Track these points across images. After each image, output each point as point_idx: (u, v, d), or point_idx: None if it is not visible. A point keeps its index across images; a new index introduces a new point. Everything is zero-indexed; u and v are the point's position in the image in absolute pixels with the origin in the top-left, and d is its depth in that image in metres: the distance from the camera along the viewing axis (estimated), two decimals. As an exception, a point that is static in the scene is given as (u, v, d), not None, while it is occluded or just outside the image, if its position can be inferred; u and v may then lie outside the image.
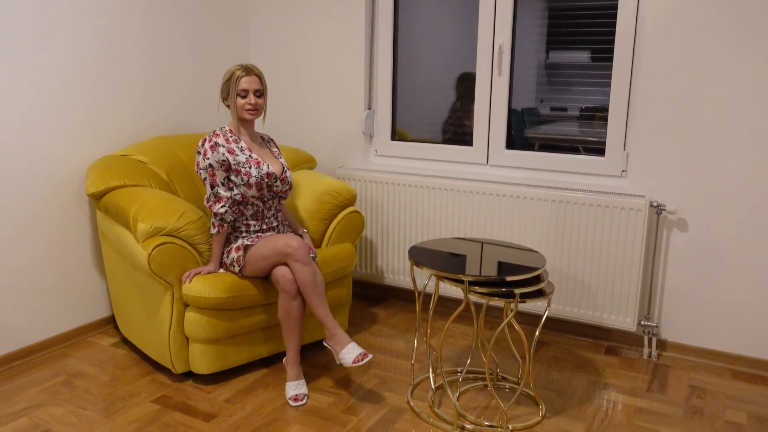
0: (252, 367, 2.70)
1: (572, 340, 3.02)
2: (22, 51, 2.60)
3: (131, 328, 2.78)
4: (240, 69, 2.48)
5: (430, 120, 3.46)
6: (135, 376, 2.61)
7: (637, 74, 2.77)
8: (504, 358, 2.81)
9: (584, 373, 2.69)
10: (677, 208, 2.77)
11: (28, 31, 2.61)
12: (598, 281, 2.86)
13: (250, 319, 2.55)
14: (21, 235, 2.69)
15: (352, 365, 2.27)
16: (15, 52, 2.58)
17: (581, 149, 3.06)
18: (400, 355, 2.84)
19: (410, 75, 3.45)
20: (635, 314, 2.81)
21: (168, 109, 3.27)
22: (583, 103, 3.03)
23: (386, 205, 3.33)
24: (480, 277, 2.15)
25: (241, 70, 2.48)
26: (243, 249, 2.49)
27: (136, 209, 2.48)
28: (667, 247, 2.82)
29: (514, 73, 3.10)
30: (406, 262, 3.34)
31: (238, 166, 2.48)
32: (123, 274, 2.73)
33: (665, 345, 2.89)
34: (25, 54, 2.62)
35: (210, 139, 2.49)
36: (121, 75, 3.01)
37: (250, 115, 2.51)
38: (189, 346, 2.51)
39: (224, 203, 2.47)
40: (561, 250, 2.92)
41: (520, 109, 3.20)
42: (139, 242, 2.44)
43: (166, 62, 3.23)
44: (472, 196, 3.07)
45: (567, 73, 3.05)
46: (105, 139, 2.97)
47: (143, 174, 2.78)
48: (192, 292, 2.41)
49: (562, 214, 2.88)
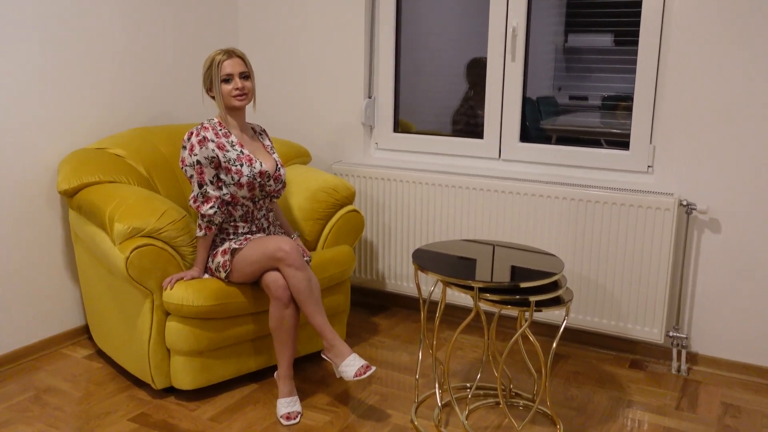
0: (240, 382, 2.68)
1: (593, 352, 3.02)
2: (-13, 34, 2.58)
3: (107, 339, 2.77)
4: (220, 53, 2.48)
5: (437, 110, 3.48)
6: (111, 392, 2.59)
7: (665, 59, 2.76)
8: (518, 373, 2.80)
9: (606, 389, 2.68)
10: (709, 208, 2.76)
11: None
12: (622, 288, 2.85)
13: (238, 329, 2.53)
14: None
15: (354, 379, 2.28)
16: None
17: (603, 142, 3.07)
18: (404, 369, 2.83)
19: (415, 60, 3.45)
20: (663, 324, 2.80)
21: (148, 98, 3.26)
22: (606, 91, 3.04)
23: (388, 204, 3.31)
24: (491, 283, 2.15)
25: (221, 54, 2.48)
26: (230, 252, 2.48)
27: (112, 208, 2.46)
28: (697, 251, 2.81)
29: (529, 58, 3.10)
30: (410, 266, 3.33)
31: (228, 164, 2.46)
32: (98, 279, 2.72)
33: (696, 358, 2.88)
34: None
35: (198, 133, 2.47)
36: (96, 61, 3.00)
37: (239, 101, 2.50)
38: (170, 358, 2.50)
39: (213, 204, 2.46)
40: (581, 254, 2.91)
41: (535, 98, 3.20)
42: (115, 244, 2.43)
43: (147, 46, 3.21)
44: (483, 193, 3.06)
45: (587, 59, 3.07)
46: (78, 131, 2.96)
47: (120, 169, 2.77)
48: (174, 299, 2.40)
49: (582, 213, 2.87)
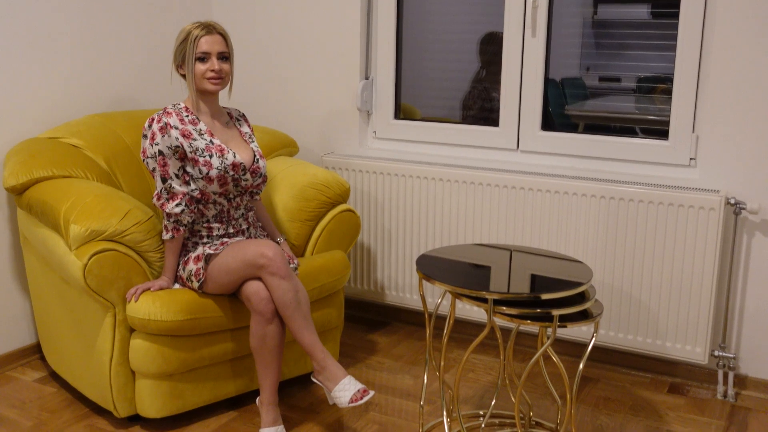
0: (216, 409, 2.69)
1: (626, 375, 3.03)
2: None
3: (62, 360, 2.78)
4: (198, 27, 2.49)
5: (445, 93, 3.48)
6: (67, 421, 2.60)
7: (709, 35, 2.76)
8: (538, 399, 2.81)
9: (642, 417, 2.69)
10: (761, 207, 2.77)
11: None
12: (660, 300, 2.86)
13: (214, 348, 2.54)
14: None
15: (350, 405, 2.27)
16: None
17: (638, 131, 3.08)
18: (406, 394, 2.84)
19: (420, 35, 3.46)
20: (707, 343, 2.81)
21: (108, 80, 3.27)
22: (641, 71, 3.05)
23: (388, 203, 3.33)
24: (508, 294, 2.14)
25: (200, 29, 2.49)
26: (204, 259, 2.49)
27: (67, 207, 2.46)
28: (747, 257, 2.82)
29: (552, 33, 3.09)
30: (413, 275, 3.34)
31: (195, 155, 2.48)
32: (51, 290, 2.72)
33: (745, 382, 2.89)
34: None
35: (159, 119, 2.49)
36: (49, 37, 3.01)
37: (213, 85, 2.52)
38: (135, 382, 2.50)
39: (180, 201, 2.48)
40: (612, 260, 2.92)
41: (559, 80, 3.21)
42: (71, 249, 2.43)
43: (107, 21, 3.22)
44: (498, 190, 3.07)
45: (620, 34, 3.09)
46: (28, 117, 2.97)
47: (77, 162, 2.77)
48: (139, 313, 2.40)
49: (613, 213, 2.88)
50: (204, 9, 3.67)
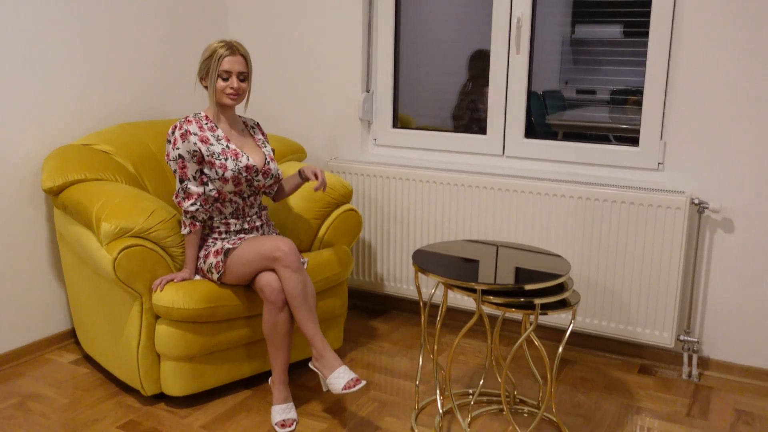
0: (233, 388, 2.69)
1: (601, 357, 3.03)
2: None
3: (94, 344, 2.78)
4: (224, 47, 2.48)
5: (438, 104, 3.50)
6: (98, 399, 2.60)
7: (676, 51, 2.76)
8: (522, 379, 2.81)
9: (615, 395, 2.69)
10: (722, 207, 2.77)
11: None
12: (631, 290, 2.86)
13: (231, 333, 2.54)
14: (-33, 236, 2.69)
15: (342, 392, 2.26)
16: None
17: (612, 138, 3.08)
18: (403, 375, 2.84)
19: (415, 52, 3.45)
20: (673, 328, 2.81)
21: (136, 92, 3.27)
22: (614, 84, 3.05)
23: (387, 203, 3.31)
24: (495, 285, 2.15)
25: (224, 48, 2.48)
26: (223, 253, 2.48)
27: (99, 207, 2.47)
28: (710, 252, 2.82)
29: (535, 50, 3.11)
30: (410, 268, 3.33)
31: (212, 158, 2.47)
32: (84, 281, 2.72)
33: (708, 363, 2.89)
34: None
35: (180, 126, 2.49)
36: (81, 54, 3.00)
37: (231, 100, 2.52)
38: (160, 364, 2.51)
39: (194, 200, 2.48)
40: (588, 255, 2.92)
41: (541, 92, 3.21)
42: (102, 245, 2.43)
43: (134, 38, 3.22)
44: (486, 192, 3.07)
45: (595, 51, 3.07)
46: (63, 126, 2.96)
47: (107, 166, 2.78)
48: (164, 302, 2.40)
49: (590, 212, 2.88)
50: (222, 30, 3.66)
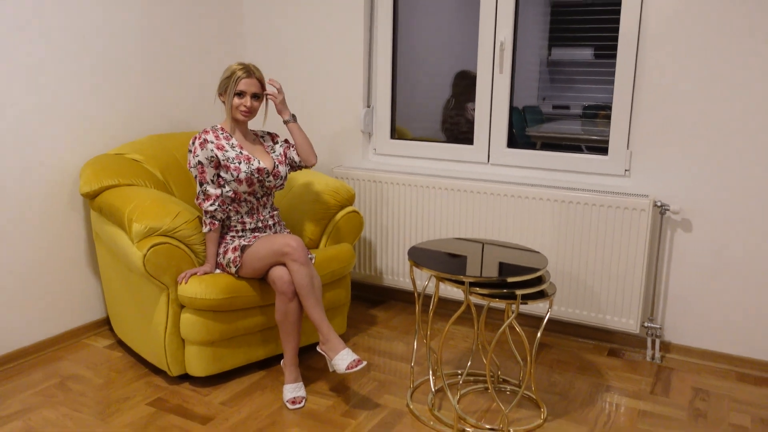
0: (249, 369, 2.70)
1: (574, 342, 3.03)
2: (16, 49, 2.61)
3: (126, 330, 2.79)
4: (242, 69, 2.50)
5: (430, 118, 3.46)
6: (130, 379, 2.61)
7: (641, 72, 2.77)
8: (505, 361, 2.81)
9: (587, 375, 2.70)
10: (681, 209, 2.78)
11: (22, 29, 2.62)
12: (601, 282, 2.86)
13: (247, 320, 2.55)
14: (14, 235, 2.70)
15: (346, 371, 2.27)
16: (8, 50, 2.59)
17: (584, 148, 3.06)
18: (400, 357, 2.84)
19: (410, 72, 3.44)
20: (638, 316, 2.82)
21: (162, 107, 3.28)
22: (586, 101, 3.03)
23: (385, 205, 3.32)
24: (481, 278, 2.15)
25: (242, 71, 2.49)
26: (240, 249, 2.49)
27: (130, 209, 2.47)
28: (671, 248, 2.82)
29: (516, 70, 3.10)
30: (405, 263, 3.34)
31: (227, 162, 2.50)
32: (117, 275, 2.73)
33: (669, 347, 2.90)
34: (20, 52, 2.62)
35: (200, 137, 2.51)
36: (115, 73, 3.02)
37: (243, 117, 2.54)
38: (185, 348, 2.52)
39: (213, 201, 2.50)
40: (563, 251, 2.92)
41: (521, 107, 3.19)
42: (133, 243, 2.44)
43: (161, 60, 3.23)
44: (473, 195, 3.07)
45: (569, 71, 3.05)
46: (99, 137, 2.97)
47: (138, 173, 2.78)
48: (188, 293, 2.41)
49: (564, 214, 2.88)
50: (239, 53, 3.67)
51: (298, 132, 2.65)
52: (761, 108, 2.57)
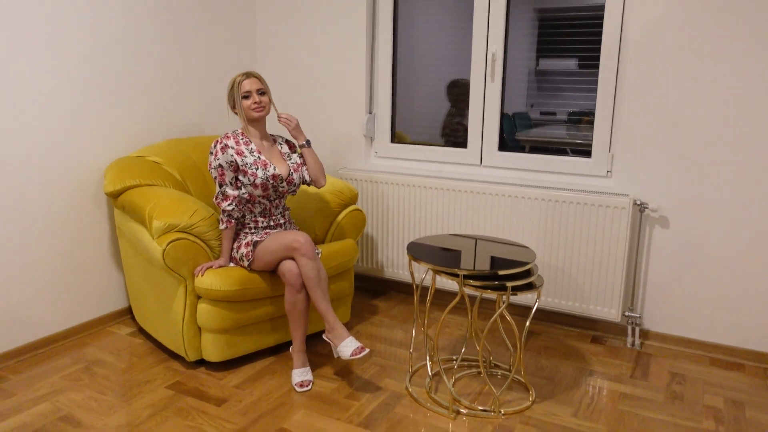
0: (260, 355, 2.70)
1: (560, 330, 3.02)
2: (45, 59, 2.60)
3: (147, 319, 2.79)
4: (240, 75, 2.50)
5: (427, 123, 3.45)
6: (150, 364, 2.61)
7: (622, 80, 2.77)
8: (496, 347, 2.81)
9: (571, 360, 2.69)
10: (659, 207, 2.77)
11: (51, 38, 2.61)
12: (585, 275, 2.85)
13: (259, 310, 2.55)
14: (45, 231, 2.69)
15: (350, 358, 2.26)
16: (39, 60, 2.58)
17: (569, 151, 3.06)
18: (399, 344, 2.84)
19: (409, 81, 3.44)
20: (619, 306, 2.81)
21: (180, 113, 3.27)
22: (571, 107, 3.03)
23: (386, 204, 3.32)
24: (474, 271, 2.15)
25: (240, 76, 2.49)
26: (252, 245, 2.48)
27: (151, 207, 2.47)
28: (649, 243, 2.82)
29: (507, 79, 3.10)
30: (404, 257, 3.33)
31: (245, 167, 2.48)
32: (139, 268, 2.72)
33: (647, 334, 2.90)
34: (49, 62, 2.61)
35: (221, 141, 2.49)
36: (136, 83, 3.01)
37: (258, 113, 2.50)
38: (201, 335, 2.51)
39: (231, 201, 2.48)
40: (550, 246, 2.92)
41: (511, 113, 3.19)
42: (154, 238, 2.44)
43: (179, 70, 3.22)
44: (467, 195, 3.07)
45: (556, 80, 3.05)
46: (122, 141, 2.97)
47: (158, 174, 2.78)
48: (204, 285, 2.41)
49: (551, 211, 2.88)
50: (249, 63, 3.66)
51: (312, 156, 2.63)
52: (732, 114, 2.56)
